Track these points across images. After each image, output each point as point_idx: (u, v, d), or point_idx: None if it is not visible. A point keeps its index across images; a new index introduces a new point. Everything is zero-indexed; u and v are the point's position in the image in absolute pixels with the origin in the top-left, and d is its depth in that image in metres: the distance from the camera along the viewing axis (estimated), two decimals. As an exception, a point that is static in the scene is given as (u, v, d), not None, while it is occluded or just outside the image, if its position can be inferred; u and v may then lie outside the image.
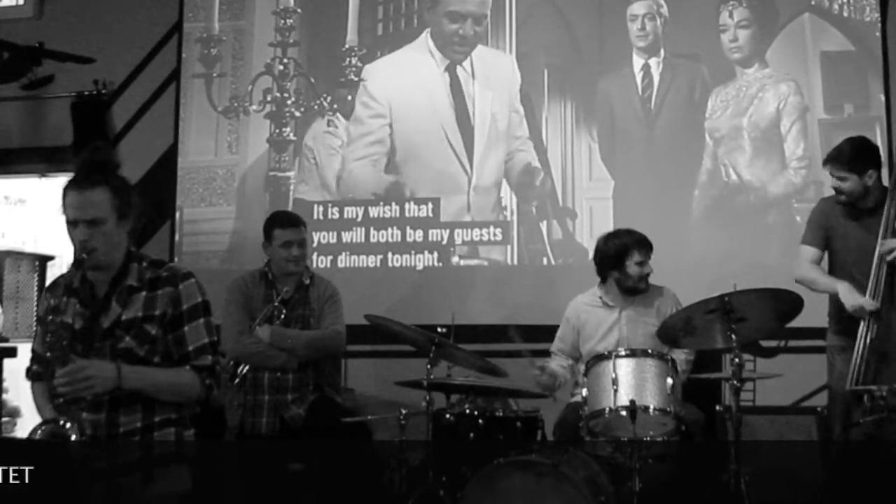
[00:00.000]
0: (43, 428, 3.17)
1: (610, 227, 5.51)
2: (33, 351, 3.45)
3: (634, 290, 5.00)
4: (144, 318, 3.26)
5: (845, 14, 6.07)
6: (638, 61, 6.38)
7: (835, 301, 4.76)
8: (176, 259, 6.64)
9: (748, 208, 6.11)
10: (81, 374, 3.05)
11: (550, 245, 6.25)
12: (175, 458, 3.27)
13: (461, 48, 6.53)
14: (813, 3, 6.11)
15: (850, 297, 4.60)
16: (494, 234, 6.28)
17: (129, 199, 3.33)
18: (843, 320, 4.69)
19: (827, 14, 6.11)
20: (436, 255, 6.30)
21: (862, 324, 4.51)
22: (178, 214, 6.78)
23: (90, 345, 3.24)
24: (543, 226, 6.28)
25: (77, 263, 3.31)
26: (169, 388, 3.25)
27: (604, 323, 5.05)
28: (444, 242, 6.30)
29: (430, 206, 6.37)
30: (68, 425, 3.10)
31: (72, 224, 3.29)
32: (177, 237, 6.76)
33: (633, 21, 6.41)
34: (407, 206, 6.41)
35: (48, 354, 3.17)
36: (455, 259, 6.28)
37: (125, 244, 3.35)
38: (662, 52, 6.34)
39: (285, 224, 5.12)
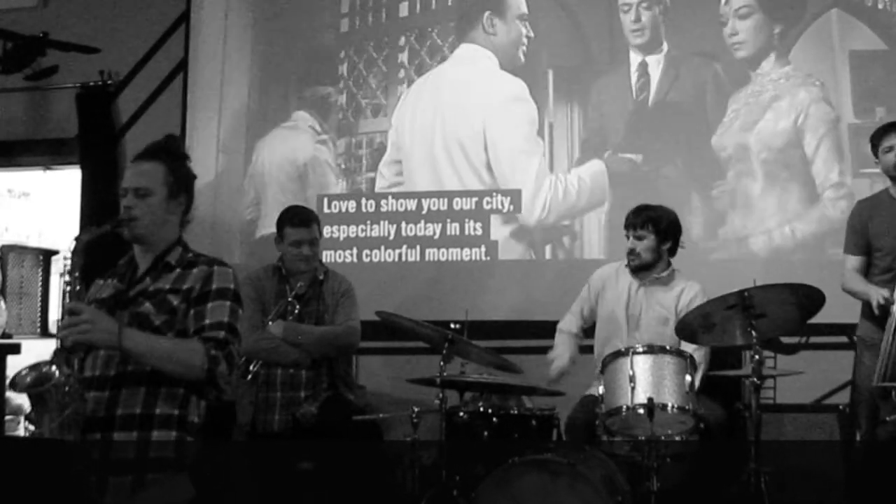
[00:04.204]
0: (29, 371, 3.15)
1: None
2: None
3: (633, 268, 4.95)
4: (171, 290, 3.25)
5: (880, 6, 5.74)
6: (634, 59, 6.10)
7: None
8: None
9: (768, 251, 5.71)
10: (82, 318, 3.00)
11: (565, 242, 6.15)
12: (174, 464, 3.18)
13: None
14: (842, -5, 5.83)
15: (876, 294, 4.57)
16: (508, 230, 6.17)
17: (184, 183, 3.39)
18: (874, 312, 4.63)
19: (857, 10, 5.77)
20: (447, 250, 6.21)
21: (890, 318, 4.43)
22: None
23: (112, 312, 3.20)
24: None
25: (116, 223, 3.28)
26: (169, 354, 3.12)
27: (620, 291, 5.00)
28: (456, 237, 6.21)
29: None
30: (53, 369, 3.09)
31: (122, 192, 3.31)
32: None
33: (627, 12, 6.13)
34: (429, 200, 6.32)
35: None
36: (469, 254, 6.18)
37: (174, 229, 3.38)
38: (664, 47, 6.06)
39: (296, 223, 5.06)
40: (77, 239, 3.30)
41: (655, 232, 4.88)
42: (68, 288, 3.21)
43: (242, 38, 6.74)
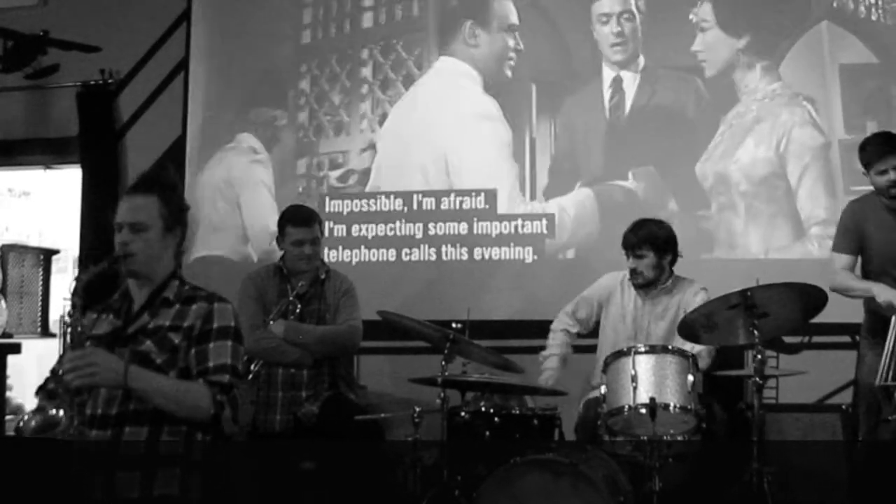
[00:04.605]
0: (34, 415, 3.12)
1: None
2: (52, 371, 3.36)
3: (637, 286, 4.92)
4: (171, 327, 3.20)
5: (873, 17, 5.58)
6: (608, 74, 5.93)
7: (870, 298, 4.64)
8: (184, 257, 6.48)
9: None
10: (87, 359, 2.97)
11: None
12: (178, 501, 3.14)
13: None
14: (835, 4, 5.64)
15: (885, 294, 4.48)
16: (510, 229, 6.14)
17: (179, 215, 3.33)
18: (879, 317, 4.57)
19: (848, 22, 5.60)
20: (451, 249, 6.18)
21: (893, 318, 4.40)
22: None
23: (111, 349, 3.15)
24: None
25: (113, 260, 3.24)
26: (176, 396, 3.10)
27: (626, 306, 4.98)
28: (459, 236, 6.18)
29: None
30: (60, 413, 3.04)
31: (117, 227, 3.25)
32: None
33: (606, 23, 5.95)
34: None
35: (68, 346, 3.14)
36: (470, 254, 6.15)
37: (170, 262, 3.33)
38: (641, 61, 5.88)
39: (297, 222, 5.04)
40: (77, 279, 3.28)
41: (654, 249, 4.86)
42: (69, 329, 3.18)
43: (202, 51, 6.68)
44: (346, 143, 6.36)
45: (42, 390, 3.32)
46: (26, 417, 3.15)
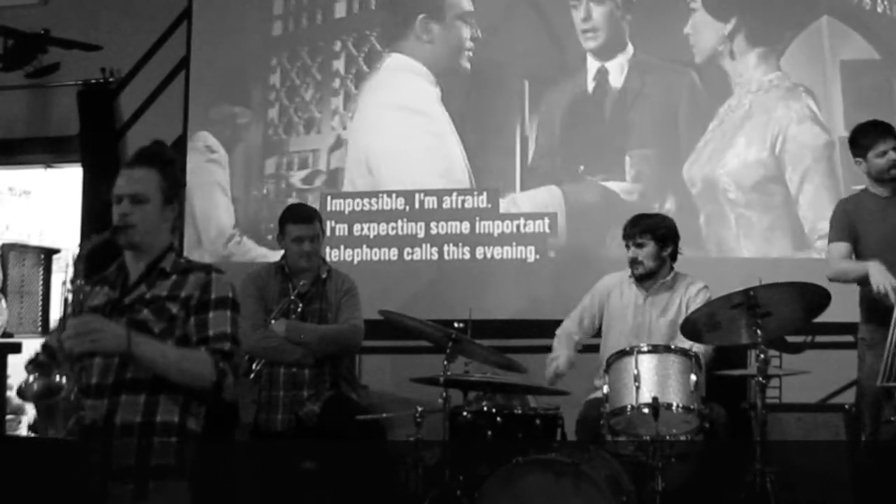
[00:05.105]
0: (37, 379, 3.10)
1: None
2: (45, 345, 3.33)
3: (638, 278, 4.91)
4: (168, 297, 3.20)
5: (878, 10, 5.44)
6: (593, 64, 5.79)
7: (866, 291, 4.62)
8: (185, 255, 6.47)
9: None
10: (90, 326, 2.97)
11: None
12: (175, 471, 3.14)
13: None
14: (838, -2, 5.57)
15: (880, 276, 4.42)
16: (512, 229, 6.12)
17: (176, 189, 3.35)
18: (874, 312, 4.57)
19: (850, 17, 5.46)
20: (452, 248, 6.17)
21: (894, 319, 4.38)
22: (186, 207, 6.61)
23: (108, 317, 3.15)
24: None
25: (113, 230, 3.24)
26: (179, 363, 3.09)
27: (626, 303, 4.98)
28: (461, 235, 6.17)
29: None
30: (63, 380, 3.04)
31: (116, 200, 3.27)
32: (186, 230, 6.59)
33: (576, 8, 5.78)
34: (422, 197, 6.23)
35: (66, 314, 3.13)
36: (472, 253, 6.13)
37: (167, 235, 3.34)
38: (629, 51, 5.74)
39: (298, 219, 5.05)
40: (81, 246, 3.28)
41: (654, 239, 4.87)
42: (70, 295, 3.18)
43: (203, 49, 6.64)
44: (316, 140, 6.29)
45: (32, 363, 3.29)
46: (30, 380, 3.14)
